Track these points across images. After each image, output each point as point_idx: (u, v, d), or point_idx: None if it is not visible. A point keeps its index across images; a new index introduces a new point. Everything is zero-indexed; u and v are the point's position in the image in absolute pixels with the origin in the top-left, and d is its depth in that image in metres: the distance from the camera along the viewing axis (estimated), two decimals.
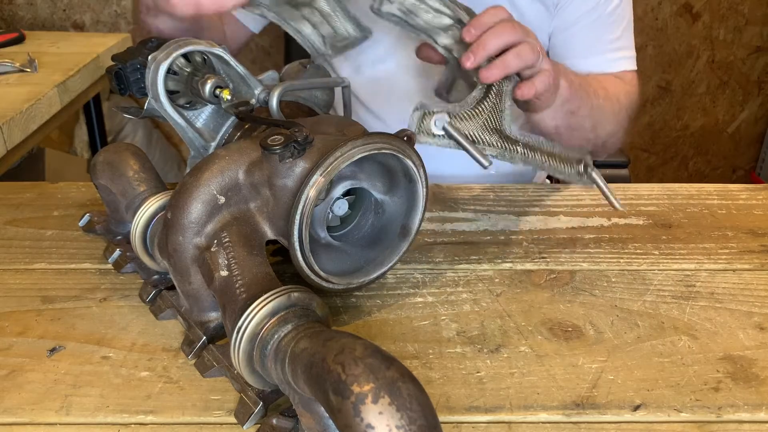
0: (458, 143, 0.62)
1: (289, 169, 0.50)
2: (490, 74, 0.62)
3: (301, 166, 0.50)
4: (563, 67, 0.75)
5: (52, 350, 0.53)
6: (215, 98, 0.60)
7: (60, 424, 0.47)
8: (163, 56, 0.60)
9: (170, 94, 0.62)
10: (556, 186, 0.82)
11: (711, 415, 0.48)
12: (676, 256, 0.67)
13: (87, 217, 0.69)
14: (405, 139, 0.54)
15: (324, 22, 0.67)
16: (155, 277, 0.59)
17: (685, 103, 2.09)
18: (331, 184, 0.54)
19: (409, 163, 0.55)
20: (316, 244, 0.55)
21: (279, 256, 0.65)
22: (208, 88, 0.60)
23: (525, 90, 0.65)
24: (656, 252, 0.68)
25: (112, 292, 0.61)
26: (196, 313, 0.53)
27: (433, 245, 0.69)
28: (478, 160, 0.62)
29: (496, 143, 0.64)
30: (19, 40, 1.48)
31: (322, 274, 0.53)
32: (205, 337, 0.52)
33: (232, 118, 0.63)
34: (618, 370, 0.52)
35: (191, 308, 0.53)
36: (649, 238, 0.70)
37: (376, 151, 0.52)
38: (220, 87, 0.60)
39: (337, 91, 0.69)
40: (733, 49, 2.00)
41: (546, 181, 1.13)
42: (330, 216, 0.56)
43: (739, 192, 0.80)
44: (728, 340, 0.55)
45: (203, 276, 0.51)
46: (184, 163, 2.08)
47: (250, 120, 0.58)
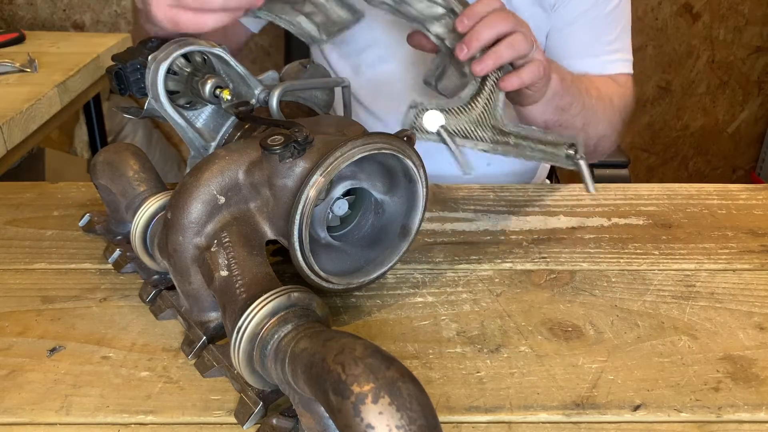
0: (447, 147, 0.62)
1: (289, 169, 0.50)
2: (482, 66, 0.62)
3: (301, 166, 0.50)
4: (556, 63, 0.74)
5: (52, 350, 0.53)
6: (215, 98, 0.61)
7: (60, 424, 0.47)
8: (163, 56, 0.60)
9: (170, 94, 0.62)
10: (556, 186, 0.82)
11: (711, 415, 0.48)
12: (676, 256, 0.67)
13: (87, 217, 0.69)
14: (405, 139, 0.54)
15: (317, 12, 0.66)
16: (155, 277, 0.59)
17: (685, 103, 2.09)
18: (331, 184, 0.54)
19: (409, 163, 0.55)
20: (316, 244, 0.55)
21: (279, 256, 0.65)
22: (208, 88, 0.60)
23: (511, 81, 0.64)
24: (656, 252, 0.68)
25: (112, 292, 0.61)
26: (196, 313, 0.53)
27: (433, 245, 0.69)
28: (462, 166, 0.62)
29: (489, 138, 0.64)
30: (19, 40, 1.48)
31: (322, 274, 0.53)
32: (205, 337, 0.52)
33: (232, 118, 0.63)
34: (618, 370, 0.52)
35: (191, 308, 0.53)
36: (649, 238, 0.70)
37: (376, 151, 0.52)
38: (220, 87, 0.60)
39: (337, 91, 0.69)
40: (733, 49, 2.00)
41: (546, 181, 1.13)
42: (330, 216, 0.56)
43: (739, 192, 0.80)
44: (728, 340, 0.55)
45: (203, 276, 0.51)
46: (184, 163, 2.08)
47: (250, 120, 0.58)
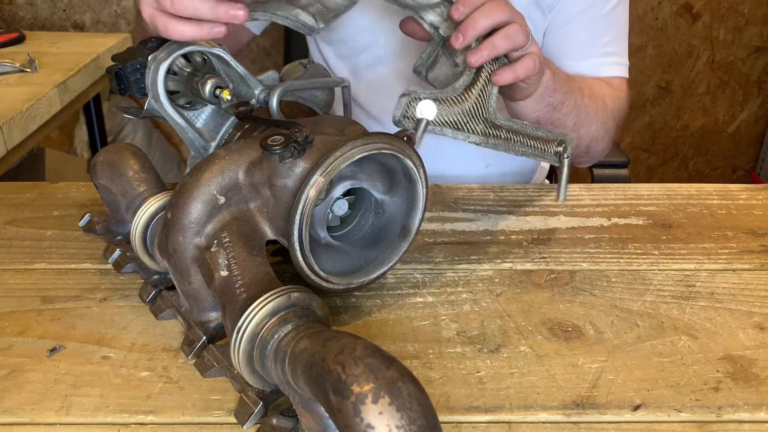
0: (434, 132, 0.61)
1: (289, 169, 0.50)
2: (477, 57, 0.60)
3: (301, 166, 0.50)
4: (549, 60, 0.74)
5: (52, 350, 0.53)
6: (215, 98, 0.61)
7: (60, 424, 0.47)
8: (163, 56, 0.60)
9: (170, 94, 0.62)
10: (556, 186, 0.82)
11: (711, 415, 0.48)
12: (676, 256, 0.67)
13: (87, 217, 0.69)
14: (405, 139, 0.54)
15: (313, 2, 0.66)
16: (155, 277, 0.59)
17: (685, 103, 2.09)
18: (331, 184, 0.54)
19: (409, 163, 0.55)
20: (316, 244, 0.55)
21: (279, 256, 0.65)
22: (208, 88, 0.60)
23: (505, 75, 0.63)
24: (656, 252, 0.68)
25: (112, 292, 0.61)
26: (196, 313, 0.53)
27: (433, 245, 0.69)
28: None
29: (481, 131, 0.63)
30: (19, 40, 1.48)
31: (322, 274, 0.53)
32: (205, 337, 0.52)
33: (232, 118, 0.63)
34: (618, 370, 0.52)
35: (191, 308, 0.53)
36: (649, 238, 0.70)
37: (376, 151, 0.52)
38: (220, 87, 0.60)
39: (337, 91, 0.69)
40: (733, 49, 2.00)
41: (546, 181, 1.13)
42: (330, 216, 0.56)
43: (739, 192, 0.80)
44: (728, 340, 0.55)
45: (203, 276, 0.51)
46: (184, 163, 2.08)
47: (250, 120, 0.58)
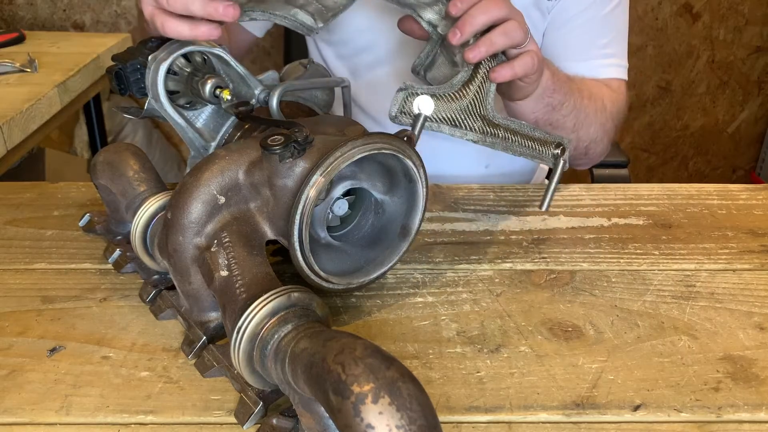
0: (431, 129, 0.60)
1: (289, 169, 0.50)
2: (475, 53, 0.60)
3: (301, 166, 0.50)
4: (548, 60, 0.73)
5: (52, 350, 0.53)
6: (215, 98, 0.61)
7: (60, 424, 0.47)
8: (163, 56, 0.60)
9: (170, 94, 0.62)
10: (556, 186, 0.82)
11: (711, 415, 0.48)
12: (676, 256, 0.67)
13: (87, 217, 0.69)
14: (405, 139, 0.54)
15: (311, 2, 0.65)
16: (155, 277, 0.59)
17: (685, 103, 2.09)
18: (331, 184, 0.54)
19: (409, 163, 0.55)
20: (316, 244, 0.55)
21: (279, 256, 0.65)
22: (208, 88, 0.60)
23: (503, 72, 0.63)
24: (656, 252, 0.68)
25: (112, 292, 0.61)
26: (196, 313, 0.53)
27: (433, 245, 0.69)
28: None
29: (478, 128, 0.62)
30: (19, 40, 1.48)
31: (322, 274, 0.53)
32: (205, 337, 0.52)
33: (232, 118, 0.63)
34: (618, 370, 0.52)
35: (191, 308, 0.53)
36: (649, 238, 0.70)
37: (376, 151, 0.52)
38: (220, 87, 0.60)
39: (337, 91, 0.69)
40: (733, 49, 2.00)
41: (546, 181, 1.13)
42: (330, 216, 0.56)
43: (739, 192, 0.80)
44: (728, 340, 0.55)
45: (203, 276, 0.51)
46: (184, 163, 2.08)
47: (250, 120, 0.58)
